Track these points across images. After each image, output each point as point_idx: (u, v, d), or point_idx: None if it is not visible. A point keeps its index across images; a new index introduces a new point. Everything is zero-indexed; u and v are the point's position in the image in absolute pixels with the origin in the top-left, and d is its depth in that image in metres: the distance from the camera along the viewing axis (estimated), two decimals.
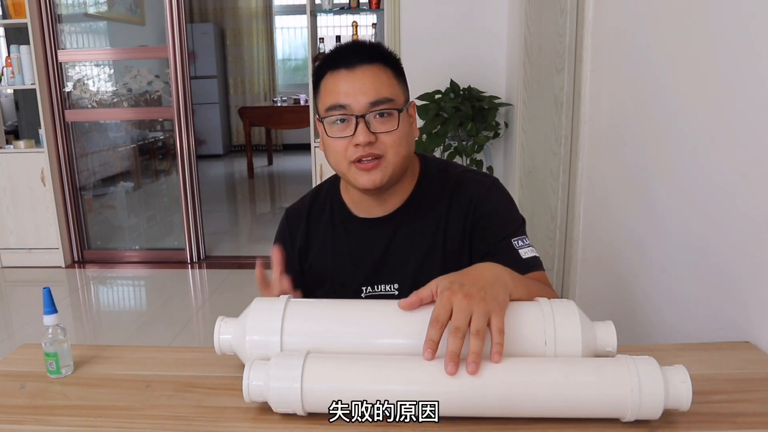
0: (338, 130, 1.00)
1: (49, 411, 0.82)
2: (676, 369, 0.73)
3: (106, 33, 4.35)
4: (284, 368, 0.75)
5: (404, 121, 1.02)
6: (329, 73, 1.02)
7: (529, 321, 0.80)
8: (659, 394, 0.70)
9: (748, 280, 1.06)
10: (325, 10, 3.43)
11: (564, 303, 0.82)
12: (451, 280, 0.80)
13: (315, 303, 0.89)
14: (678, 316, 1.33)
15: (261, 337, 0.82)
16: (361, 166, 1.00)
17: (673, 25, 1.38)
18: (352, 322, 0.84)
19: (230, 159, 7.94)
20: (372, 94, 0.99)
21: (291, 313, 0.83)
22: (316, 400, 0.74)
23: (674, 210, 1.35)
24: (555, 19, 2.41)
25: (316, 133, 3.48)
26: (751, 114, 1.05)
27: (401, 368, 0.75)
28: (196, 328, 2.97)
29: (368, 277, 1.11)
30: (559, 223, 2.63)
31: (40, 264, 3.78)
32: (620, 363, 0.73)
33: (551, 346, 0.77)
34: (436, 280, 0.82)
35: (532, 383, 0.73)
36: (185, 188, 3.80)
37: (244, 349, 0.82)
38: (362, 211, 1.12)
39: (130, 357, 0.98)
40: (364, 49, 1.03)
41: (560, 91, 2.53)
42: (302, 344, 0.80)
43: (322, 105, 1.02)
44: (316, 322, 0.84)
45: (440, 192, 1.10)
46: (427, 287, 0.81)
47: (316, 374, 0.75)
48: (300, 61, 8.26)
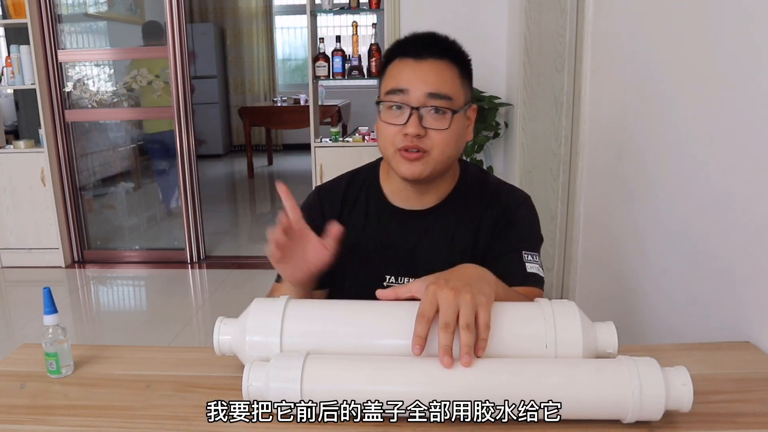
0: (392, 117, 1.01)
1: (49, 411, 0.82)
2: (677, 370, 0.73)
3: (106, 33, 4.35)
4: (284, 369, 0.75)
5: (458, 122, 1.02)
6: (398, 59, 1.03)
7: (530, 322, 0.80)
8: (660, 395, 0.70)
9: (748, 280, 1.06)
10: (325, 10, 3.43)
11: (564, 304, 0.82)
12: (437, 276, 0.81)
13: (315, 303, 0.88)
14: (678, 316, 1.33)
15: (261, 337, 0.81)
16: (405, 155, 1.01)
17: (673, 25, 1.38)
18: (351, 322, 0.83)
19: (230, 159, 7.94)
20: (432, 88, 0.99)
21: (291, 313, 0.83)
22: (316, 399, 0.74)
23: (674, 210, 1.35)
24: (555, 19, 2.41)
25: (316, 133, 3.48)
26: (750, 114, 1.05)
27: (401, 369, 0.75)
28: (196, 328, 2.97)
29: (394, 267, 1.10)
30: (559, 223, 2.62)
31: (40, 264, 3.78)
32: (621, 364, 0.73)
33: (552, 348, 0.77)
34: (419, 279, 0.82)
35: (533, 384, 0.73)
36: (185, 188, 3.80)
37: (243, 349, 0.82)
38: (400, 200, 1.12)
39: (130, 357, 0.98)
40: (437, 42, 1.04)
41: (560, 91, 2.53)
42: (302, 345, 0.80)
43: (383, 88, 1.04)
44: (316, 322, 0.84)
45: (477, 198, 1.11)
46: (407, 286, 0.82)
47: (316, 375, 0.74)
48: (300, 61, 8.25)
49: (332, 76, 3.44)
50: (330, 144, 3.43)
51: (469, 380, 0.72)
